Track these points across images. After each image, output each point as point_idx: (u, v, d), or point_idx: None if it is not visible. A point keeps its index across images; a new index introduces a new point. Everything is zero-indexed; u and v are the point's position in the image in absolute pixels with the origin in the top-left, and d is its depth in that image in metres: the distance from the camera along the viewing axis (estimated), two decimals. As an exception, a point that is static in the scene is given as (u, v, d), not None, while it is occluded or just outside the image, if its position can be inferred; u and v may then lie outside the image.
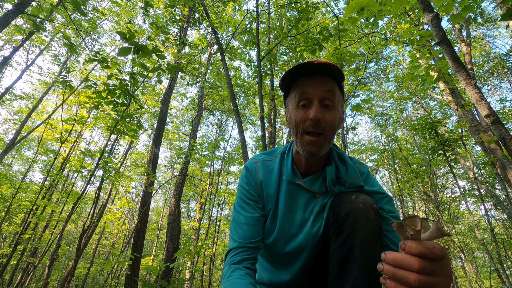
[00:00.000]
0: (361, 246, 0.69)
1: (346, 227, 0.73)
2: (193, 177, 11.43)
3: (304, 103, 0.80)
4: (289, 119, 0.86)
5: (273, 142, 5.80)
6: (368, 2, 2.43)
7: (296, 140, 0.83)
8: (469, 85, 1.57)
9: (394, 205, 0.88)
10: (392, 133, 10.27)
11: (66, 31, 7.28)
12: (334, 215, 0.78)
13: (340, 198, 0.80)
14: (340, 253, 0.71)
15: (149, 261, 11.21)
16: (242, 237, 0.85)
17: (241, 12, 7.11)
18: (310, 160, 0.87)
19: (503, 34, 12.19)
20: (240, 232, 0.86)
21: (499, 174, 4.33)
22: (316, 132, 0.78)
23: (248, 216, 0.88)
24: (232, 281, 0.74)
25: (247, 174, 0.95)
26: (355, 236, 0.70)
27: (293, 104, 0.83)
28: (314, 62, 0.76)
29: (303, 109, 0.80)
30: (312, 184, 0.88)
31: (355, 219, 0.72)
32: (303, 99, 0.80)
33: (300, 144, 0.81)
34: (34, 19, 3.12)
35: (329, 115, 0.79)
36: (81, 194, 4.18)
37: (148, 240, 18.17)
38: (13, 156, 13.03)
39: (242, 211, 0.90)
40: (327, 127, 0.78)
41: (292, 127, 0.85)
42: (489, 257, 4.96)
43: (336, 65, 0.77)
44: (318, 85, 0.78)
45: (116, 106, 3.41)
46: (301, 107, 0.80)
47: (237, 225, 0.88)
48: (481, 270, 13.07)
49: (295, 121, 0.81)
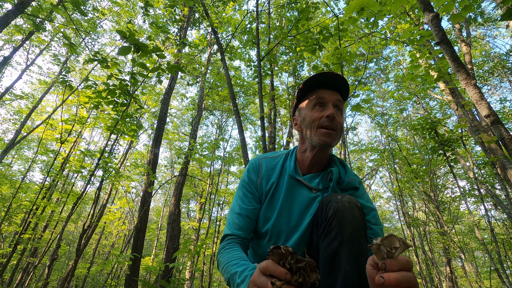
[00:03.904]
0: (349, 241, 0.73)
1: (334, 225, 0.77)
2: (193, 177, 11.42)
3: (321, 105, 0.95)
4: (302, 120, 1.00)
5: (273, 142, 5.79)
6: (368, 2, 2.43)
7: (311, 134, 0.94)
8: (469, 85, 1.57)
9: (378, 218, 0.98)
10: (392, 133, 10.27)
11: (66, 31, 7.28)
12: (323, 214, 0.83)
13: (327, 198, 0.86)
14: (330, 250, 0.75)
15: (149, 261, 11.20)
16: (236, 228, 0.95)
17: (241, 12, 7.11)
18: (316, 156, 0.96)
19: (503, 34, 12.19)
20: (236, 222, 0.96)
21: (499, 174, 4.33)
22: (330, 127, 0.91)
23: (244, 208, 0.98)
24: (232, 250, 0.86)
25: (250, 168, 1.05)
26: (343, 233, 0.75)
27: (309, 106, 0.97)
28: (333, 73, 0.93)
29: (319, 109, 0.94)
30: (311, 181, 0.97)
31: (342, 217, 0.77)
32: (319, 102, 0.95)
33: (316, 136, 0.92)
34: (34, 19, 3.12)
35: (340, 118, 0.94)
36: (81, 194, 4.18)
37: (148, 240, 18.18)
38: (13, 156, 13.02)
39: (240, 202, 1.00)
40: (339, 126, 0.92)
41: (306, 126, 0.97)
42: (489, 257, 4.97)
43: (347, 81, 0.96)
44: (332, 93, 0.96)
45: (116, 106, 3.41)
46: (317, 107, 0.95)
47: (233, 214, 0.98)
48: (481, 270, 13.07)
49: (311, 118, 0.94)
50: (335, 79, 0.94)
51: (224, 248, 0.89)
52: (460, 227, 12.71)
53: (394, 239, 0.51)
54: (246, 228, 0.95)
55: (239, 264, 0.77)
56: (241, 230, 0.94)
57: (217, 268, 0.89)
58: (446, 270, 8.46)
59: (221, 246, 0.92)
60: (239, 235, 0.94)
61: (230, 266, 0.79)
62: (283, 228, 0.95)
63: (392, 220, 18.25)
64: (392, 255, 0.51)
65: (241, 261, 0.79)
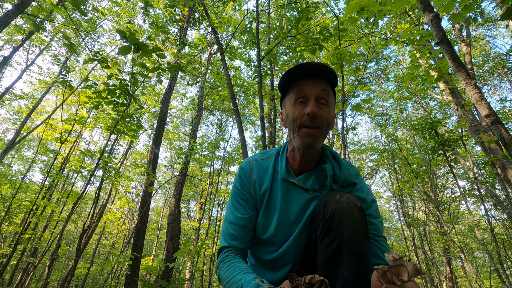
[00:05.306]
0: (348, 244, 0.71)
1: (332, 227, 0.75)
2: (193, 177, 11.42)
3: (302, 100, 0.85)
4: (286, 117, 0.91)
5: (273, 142, 5.79)
6: (368, 2, 2.43)
7: (294, 134, 0.87)
8: (469, 85, 1.57)
9: (378, 210, 0.93)
10: (392, 133, 10.27)
11: (66, 31, 7.27)
12: (321, 215, 0.80)
13: (325, 198, 0.83)
14: (328, 252, 0.73)
15: (149, 261, 11.21)
16: (233, 239, 0.90)
17: (241, 12, 7.11)
18: (304, 156, 0.90)
19: (503, 34, 12.18)
20: (231, 232, 0.91)
21: (499, 174, 4.33)
22: (313, 126, 0.83)
23: (238, 217, 0.92)
24: (232, 262, 0.82)
25: (241, 173, 0.99)
26: (342, 235, 0.72)
27: (290, 102, 0.88)
28: (312, 63, 0.82)
29: (300, 106, 0.85)
30: (305, 182, 0.91)
31: (340, 218, 0.74)
32: (300, 97, 0.85)
33: (298, 137, 0.85)
34: (34, 19, 3.12)
35: (324, 111, 0.84)
36: (81, 194, 4.17)
37: (148, 240, 18.16)
38: (13, 156, 13.01)
39: (234, 210, 0.94)
40: (323, 122, 0.84)
41: (289, 124, 0.89)
42: (489, 257, 4.97)
43: (330, 67, 0.84)
44: (314, 84, 0.85)
45: (116, 106, 3.41)
46: (299, 104, 0.86)
47: (228, 224, 0.93)
48: (481, 270, 13.07)
49: (292, 117, 0.86)
50: (317, 67, 0.83)
51: (224, 261, 0.85)
52: (460, 227, 12.71)
53: (403, 270, 0.47)
54: (243, 238, 0.91)
55: (244, 274, 0.76)
56: (238, 240, 0.90)
57: (219, 283, 0.85)
58: (446, 270, 8.46)
59: (219, 260, 0.88)
60: (236, 246, 0.89)
61: (234, 281, 0.76)
62: (283, 234, 0.92)
63: (392, 220, 18.24)
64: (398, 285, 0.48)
65: (245, 273, 0.76)
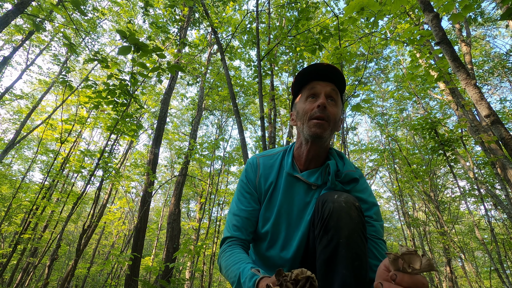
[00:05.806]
0: (346, 243, 0.71)
1: (330, 226, 0.75)
2: (193, 177, 11.42)
3: (313, 96, 0.93)
4: (296, 114, 0.97)
5: (273, 142, 5.79)
6: (368, 2, 2.43)
7: (303, 126, 0.92)
8: (469, 85, 1.57)
9: (379, 213, 0.93)
10: (392, 133, 10.27)
11: (66, 31, 7.28)
12: (319, 214, 0.80)
13: (323, 197, 0.83)
14: (326, 253, 0.73)
15: (149, 261, 11.20)
16: (236, 230, 0.93)
17: (241, 12, 7.11)
18: (311, 151, 0.93)
19: (503, 34, 12.17)
20: (235, 224, 0.94)
21: (499, 174, 4.33)
22: (322, 117, 0.88)
23: (242, 209, 0.96)
24: (233, 252, 0.84)
25: (248, 168, 1.03)
26: (339, 235, 0.72)
27: (302, 100, 0.95)
28: (324, 64, 0.90)
29: (311, 100, 0.92)
30: (309, 177, 0.94)
31: (338, 218, 0.74)
32: (311, 94, 0.93)
33: (307, 127, 0.90)
34: (34, 19, 3.11)
35: (333, 108, 0.91)
36: (81, 194, 4.17)
37: (148, 240, 18.17)
38: (13, 156, 13.01)
39: (238, 203, 0.98)
40: (331, 117, 0.89)
41: (299, 118, 0.94)
42: (489, 257, 4.97)
43: (341, 71, 0.91)
44: (325, 84, 0.93)
45: (116, 106, 3.41)
46: (310, 99, 0.93)
47: (232, 216, 0.96)
48: (481, 270, 13.06)
49: (303, 111, 0.92)
50: (329, 69, 0.91)
51: (225, 251, 0.88)
52: (460, 227, 12.71)
53: (416, 258, 0.47)
54: (246, 229, 0.93)
55: (242, 264, 0.77)
56: (241, 231, 0.92)
57: (220, 272, 0.89)
58: (446, 270, 8.46)
59: (221, 250, 0.90)
60: (238, 236, 0.91)
61: (233, 270, 0.78)
62: (283, 229, 0.93)
63: (392, 220, 18.24)
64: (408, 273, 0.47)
65: (244, 263, 0.78)
